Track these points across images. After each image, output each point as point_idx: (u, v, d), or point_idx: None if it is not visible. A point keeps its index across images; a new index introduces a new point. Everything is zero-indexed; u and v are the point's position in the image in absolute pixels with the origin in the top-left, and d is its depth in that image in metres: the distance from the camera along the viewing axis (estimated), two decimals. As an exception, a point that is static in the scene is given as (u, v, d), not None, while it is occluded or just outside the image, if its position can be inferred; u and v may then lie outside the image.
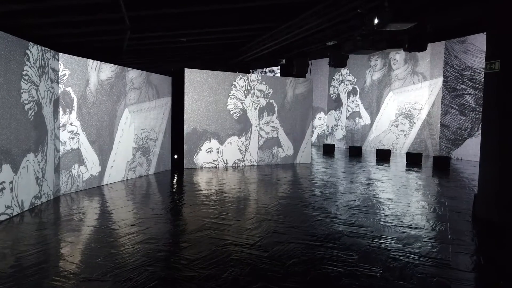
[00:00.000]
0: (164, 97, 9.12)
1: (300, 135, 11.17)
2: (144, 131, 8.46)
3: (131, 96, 7.98)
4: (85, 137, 6.79)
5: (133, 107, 8.08)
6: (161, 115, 9.04)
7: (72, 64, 6.46)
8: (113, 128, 7.48)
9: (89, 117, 6.86)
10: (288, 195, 6.69)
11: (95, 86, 6.97)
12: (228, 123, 10.10)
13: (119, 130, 7.68)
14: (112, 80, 7.40)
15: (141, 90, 8.31)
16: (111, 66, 7.37)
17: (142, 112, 8.36)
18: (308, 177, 8.98)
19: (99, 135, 7.10)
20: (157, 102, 8.85)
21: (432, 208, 5.88)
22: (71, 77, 6.44)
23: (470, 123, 12.64)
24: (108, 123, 7.33)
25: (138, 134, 8.25)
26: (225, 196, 6.48)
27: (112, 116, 7.45)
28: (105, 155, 7.32)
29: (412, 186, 7.80)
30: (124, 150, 7.82)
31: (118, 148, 7.67)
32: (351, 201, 6.23)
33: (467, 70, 12.70)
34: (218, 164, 10.08)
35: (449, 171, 10.12)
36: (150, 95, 8.59)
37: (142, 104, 8.36)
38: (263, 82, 10.38)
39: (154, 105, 8.77)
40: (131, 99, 7.98)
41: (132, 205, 5.79)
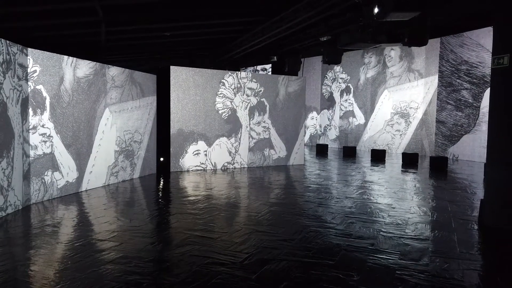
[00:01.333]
0: (150, 96, 8.59)
1: (293, 135, 10.71)
2: (127, 132, 7.93)
3: (113, 95, 7.44)
4: (59, 140, 6.24)
5: (115, 107, 7.54)
6: (146, 115, 8.52)
7: (44, 60, 5.91)
8: (92, 130, 6.94)
9: (64, 118, 6.32)
10: (280, 201, 6.21)
11: (71, 84, 6.43)
12: (216, 124, 9.61)
13: (99, 132, 7.14)
14: (91, 78, 6.87)
15: (124, 89, 7.78)
16: (89, 63, 6.83)
17: (125, 112, 7.83)
18: (301, 180, 8.52)
19: (76, 138, 6.56)
20: (141, 101, 8.33)
21: (435, 214, 5.45)
22: (43, 74, 5.89)
23: (467, 119, 12.28)
24: (86, 125, 6.79)
25: (120, 136, 7.72)
26: (213, 203, 5.99)
27: (91, 116, 6.91)
28: (83, 160, 6.78)
29: (410, 189, 7.38)
30: (105, 153, 7.28)
31: (98, 152, 7.13)
32: (348, 208, 5.78)
33: (464, 64, 12.33)
34: (206, 167, 9.58)
35: (446, 172, 9.73)
36: (133, 94, 8.06)
37: (125, 103, 7.82)
38: (253, 80, 9.90)
39: (138, 104, 8.24)
40: (113, 98, 7.44)
41: (108, 215, 5.28)
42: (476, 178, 8.81)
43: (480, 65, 11.84)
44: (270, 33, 8.17)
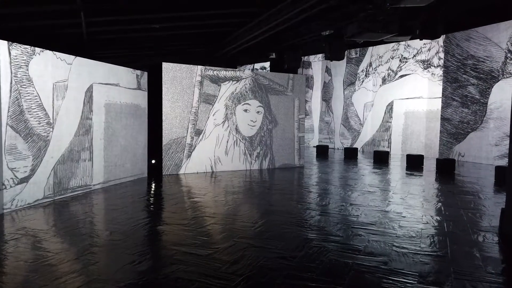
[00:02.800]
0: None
1: (291, 135, 10.19)
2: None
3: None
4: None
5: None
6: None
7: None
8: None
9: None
10: (279, 209, 5.67)
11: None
12: (210, 123, 9.07)
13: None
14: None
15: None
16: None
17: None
18: (301, 183, 7.99)
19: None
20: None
21: (450, 225, 4.92)
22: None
23: (473, 116, 11.77)
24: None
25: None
26: (205, 211, 5.44)
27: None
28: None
29: (419, 194, 6.85)
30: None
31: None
32: (353, 217, 5.24)
33: (470, 59, 11.83)
34: (204, 169, 9.03)
35: (454, 175, 9.21)
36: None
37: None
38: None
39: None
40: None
41: (87, 225, 4.72)
42: (486, 182, 8.29)
43: (488, 59, 11.35)
44: (267, 26, 7.64)
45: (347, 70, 16.27)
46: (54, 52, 5.89)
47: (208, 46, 11.43)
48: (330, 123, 16.95)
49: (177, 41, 10.25)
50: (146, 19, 7.47)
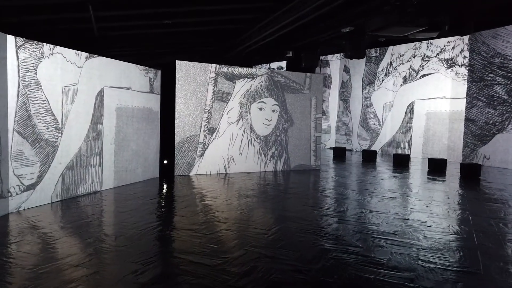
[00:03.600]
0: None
1: (308, 135, 9.85)
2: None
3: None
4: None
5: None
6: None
7: None
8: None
9: (51, 116, 5.59)
10: (294, 215, 5.36)
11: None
12: (224, 121, 8.82)
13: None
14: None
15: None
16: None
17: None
18: (318, 187, 7.65)
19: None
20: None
21: (480, 236, 4.52)
22: None
23: (500, 117, 11.18)
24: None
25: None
26: (216, 216, 5.18)
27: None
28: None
29: (443, 201, 6.43)
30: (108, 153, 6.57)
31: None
32: (374, 225, 4.89)
33: (497, 57, 11.25)
34: (217, 168, 8.78)
35: (479, 180, 8.71)
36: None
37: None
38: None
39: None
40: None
41: (91, 229, 4.51)
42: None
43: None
44: (283, 22, 7.31)
45: (366, 69, 15.80)
46: (64, 55, 5.73)
47: (222, 44, 11.17)
48: (348, 123, 16.51)
49: (190, 38, 10.03)
50: (158, 14, 7.23)
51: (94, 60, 6.33)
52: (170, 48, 11.04)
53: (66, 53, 5.79)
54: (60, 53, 5.70)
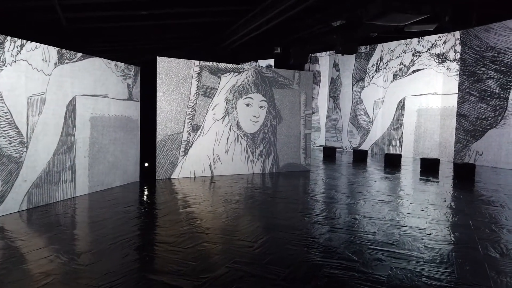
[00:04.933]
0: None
1: (297, 133, 9.43)
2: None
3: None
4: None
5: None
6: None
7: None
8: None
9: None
10: (283, 223, 4.93)
11: None
12: (209, 118, 8.34)
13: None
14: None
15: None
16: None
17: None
18: (308, 191, 7.24)
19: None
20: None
21: (486, 246, 4.14)
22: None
23: (493, 112, 10.93)
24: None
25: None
26: (198, 225, 4.72)
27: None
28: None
29: (441, 205, 6.08)
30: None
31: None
32: (369, 234, 4.48)
33: (490, 51, 10.97)
34: (202, 167, 8.30)
35: (473, 181, 8.40)
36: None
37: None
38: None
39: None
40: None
41: (51, 247, 4.01)
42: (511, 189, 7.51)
43: (509, 51, 10.50)
44: (271, 13, 6.85)
45: (356, 66, 15.46)
46: (29, 62, 5.18)
47: (207, 39, 10.64)
48: (338, 121, 16.16)
49: (171, 33, 9.48)
50: (132, 3, 6.66)
51: (65, 66, 5.79)
52: (150, 44, 10.46)
53: (32, 60, 5.24)
54: (25, 60, 5.15)
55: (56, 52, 5.64)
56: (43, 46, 5.40)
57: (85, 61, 6.17)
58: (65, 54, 5.78)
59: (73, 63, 5.96)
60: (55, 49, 5.61)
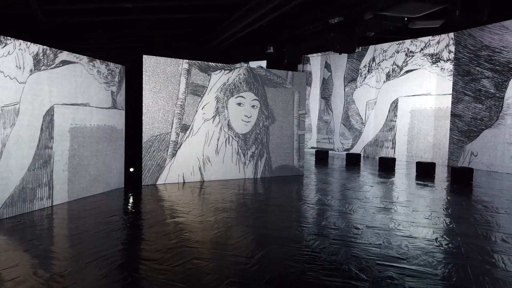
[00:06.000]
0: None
1: (290, 133, 9.06)
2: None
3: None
4: None
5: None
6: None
7: None
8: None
9: None
10: (279, 234, 4.53)
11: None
12: (199, 118, 7.91)
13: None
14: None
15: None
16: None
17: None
18: (302, 197, 6.86)
19: (1, 145, 4.79)
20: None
21: (502, 260, 3.81)
22: None
23: (488, 112, 10.74)
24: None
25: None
26: (186, 239, 4.29)
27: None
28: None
29: (444, 212, 5.77)
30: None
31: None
32: (375, 246, 4.11)
33: (484, 50, 10.78)
34: (191, 170, 7.86)
35: (471, 185, 8.13)
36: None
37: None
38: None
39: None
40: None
41: (17, 269, 3.54)
42: (510, 193, 7.27)
43: (504, 49, 10.31)
44: (263, 10, 6.45)
45: (348, 66, 15.18)
46: (0, 70, 4.69)
47: (196, 37, 10.18)
48: (330, 122, 15.86)
49: (157, 29, 8.99)
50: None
51: (42, 73, 5.30)
52: (134, 42, 9.93)
53: (4, 67, 4.74)
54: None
55: (32, 58, 5.15)
56: (16, 51, 4.91)
57: (64, 68, 5.69)
58: (42, 60, 5.29)
59: (51, 70, 5.47)
60: (31, 54, 5.13)
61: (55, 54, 5.54)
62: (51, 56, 5.47)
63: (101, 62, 6.44)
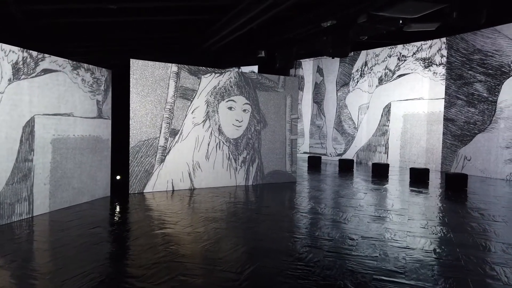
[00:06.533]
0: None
1: (283, 138, 8.86)
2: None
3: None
4: None
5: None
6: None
7: None
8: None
9: None
10: (270, 246, 4.32)
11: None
12: (188, 122, 7.68)
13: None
14: None
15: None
16: None
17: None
18: (295, 206, 6.66)
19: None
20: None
21: (504, 273, 3.64)
22: None
23: (481, 116, 10.67)
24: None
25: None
26: (173, 252, 4.05)
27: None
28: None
29: (441, 221, 5.61)
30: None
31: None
32: (372, 260, 3.92)
33: (477, 53, 10.73)
34: (180, 176, 7.61)
35: (466, 192, 8.00)
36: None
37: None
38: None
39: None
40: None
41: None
42: (505, 200, 7.14)
43: (497, 53, 10.26)
44: (254, 11, 6.26)
45: (340, 70, 15.07)
46: None
47: (186, 40, 9.95)
48: (322, 127, 15.72)
49: (144, 32, 8.73)
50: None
51: (22, 83, 5.05)
52: (120, 45, 9.65)
53: None
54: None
55: (11, 66, 4.90)
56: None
57: (46, 76, 5.44)
58: (22, 69, 5.04)
59: (32, 79, 5.22)
60: (10, 63, 4.87)
61: (36, 63, 5.29)
62: (32, 64, 5.22)
63: (85, 70, 6.19)
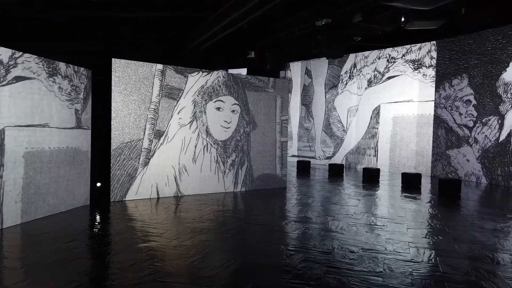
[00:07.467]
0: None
1: (273, 140, 8.53)
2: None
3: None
4: None
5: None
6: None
7: None
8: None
9: None
10: (262, 261, 3.95)
11: None
12: (174, 123, 7.27)
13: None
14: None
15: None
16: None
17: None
18: (286, 214, 6.32)
19: None
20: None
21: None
22: None
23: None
24: None
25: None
26: (157, 270, 3.65)
27: None
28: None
29: (442, 230, 5.34)
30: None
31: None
32: (377, 276, 3.59)
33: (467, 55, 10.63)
34: (166, 180, 7.19)
35: (460, 198, 7.79)
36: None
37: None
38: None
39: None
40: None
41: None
42: (504, 206, 6.96)
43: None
44: (244, 8, 5.90)
45: (329, 72, 14.83)
46: None
47: (171, 40, 9.51)
48: (310, 129, 15.45)
49: (129, 30, 8.28)
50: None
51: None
52: (101, 44, 9.14)
53: None
54: None
55: None
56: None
57: (19, 84, 4.98)
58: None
59: (2, 87, 4.75)
60: None
61: (7, 70, 4.82)
62: (2, 71, 4.75)
63: (63, 77, 5.73)
